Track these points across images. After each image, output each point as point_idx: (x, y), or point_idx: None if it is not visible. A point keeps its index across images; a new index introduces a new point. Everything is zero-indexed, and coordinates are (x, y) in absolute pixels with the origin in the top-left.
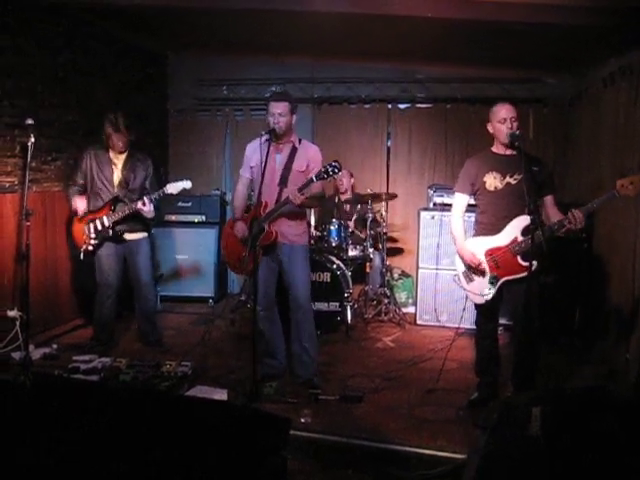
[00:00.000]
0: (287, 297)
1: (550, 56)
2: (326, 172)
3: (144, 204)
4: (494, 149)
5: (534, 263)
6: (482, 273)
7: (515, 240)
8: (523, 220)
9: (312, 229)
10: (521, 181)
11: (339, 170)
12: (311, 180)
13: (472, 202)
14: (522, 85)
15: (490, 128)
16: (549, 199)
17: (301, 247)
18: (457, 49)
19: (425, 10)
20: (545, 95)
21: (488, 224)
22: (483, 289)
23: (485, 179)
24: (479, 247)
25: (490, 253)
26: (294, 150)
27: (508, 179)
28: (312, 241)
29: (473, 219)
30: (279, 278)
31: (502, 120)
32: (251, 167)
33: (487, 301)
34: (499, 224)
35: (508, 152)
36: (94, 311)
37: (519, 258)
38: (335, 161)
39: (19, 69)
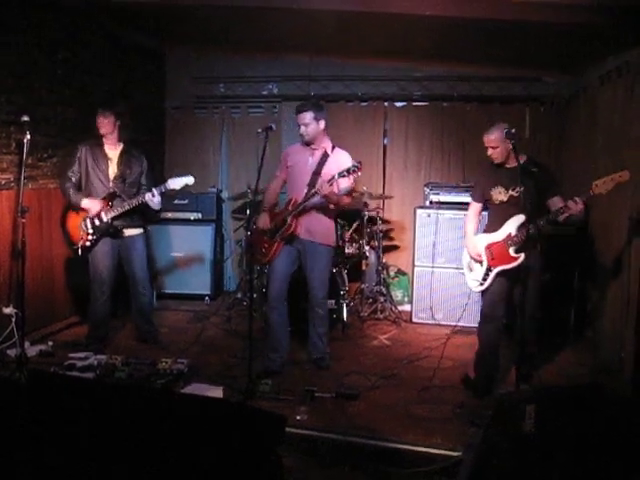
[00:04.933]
0: (296, 294)
1: (548, 55)
2: (347, 170)
3: (153, 195)
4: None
5: (522, 255)
6: (481, 263)
7: (509, 235)
8: (519, 219)
9: None
10: (522, 192)
11: (359, 169)
12: (333, 178)
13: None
14: (519, 83)
15: None
16: (557, 200)
17: (326, 249)
18: (454, 47)
19: (423, 8)
20: (542, 94)
21: (494, 230)
22: (480, 277)
23: (492, 193)
24: (481, 242)
25: (488, 247)
26: (325, 156)
27: (511, 192)
28: None
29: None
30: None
31: (486, 148)
32: (287, 167)
33: (487, 289)
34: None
35: (510, 165)
36: (89, 308)
37: (511, 250)
38: (359, 162)
39: (16, 65)
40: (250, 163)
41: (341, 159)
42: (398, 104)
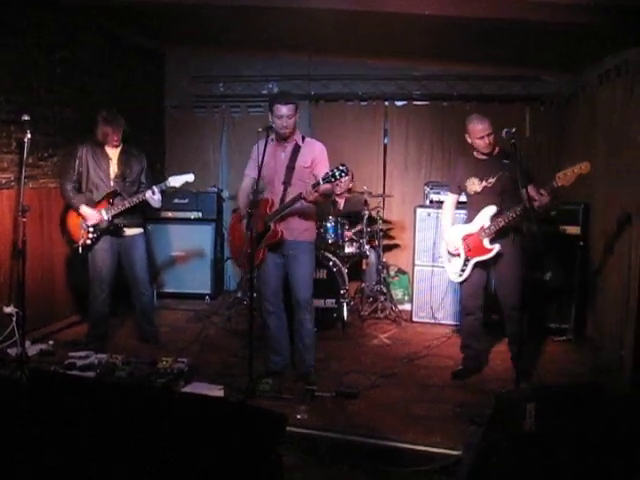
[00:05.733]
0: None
1: (546, 54)
2: (333, 175)
3: (154, 193)
4: (476, 154)
5: (497, 246)
6: (459, 255)
7: (482, 227)
8: (489, 210)
9: None
10: (495, 183)
11: (346, 174)
12: (318, 183)
13: (463, 199)
14: (518, 82)
15: (468, 139)
16: (529, 190)
17: (306, 244)
18: (453, 47)
19: (422, 7)
20: (542, 93)
21: (471, 218)
22: (459, 268)
23: (467, 184)
24: (458, 233)
25: (465, 238)
26: (297, 148)
27: (484, 183)
28: None
29: (463, 216)
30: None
31: (480, 137)
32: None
33: (465, 279)
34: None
35: (486, 157)
36: (89, 307)
37: (485, 242)
38: (342, 164)
39: (16, 65)
40: None
41: (315, 148)
42: (398, 103)
